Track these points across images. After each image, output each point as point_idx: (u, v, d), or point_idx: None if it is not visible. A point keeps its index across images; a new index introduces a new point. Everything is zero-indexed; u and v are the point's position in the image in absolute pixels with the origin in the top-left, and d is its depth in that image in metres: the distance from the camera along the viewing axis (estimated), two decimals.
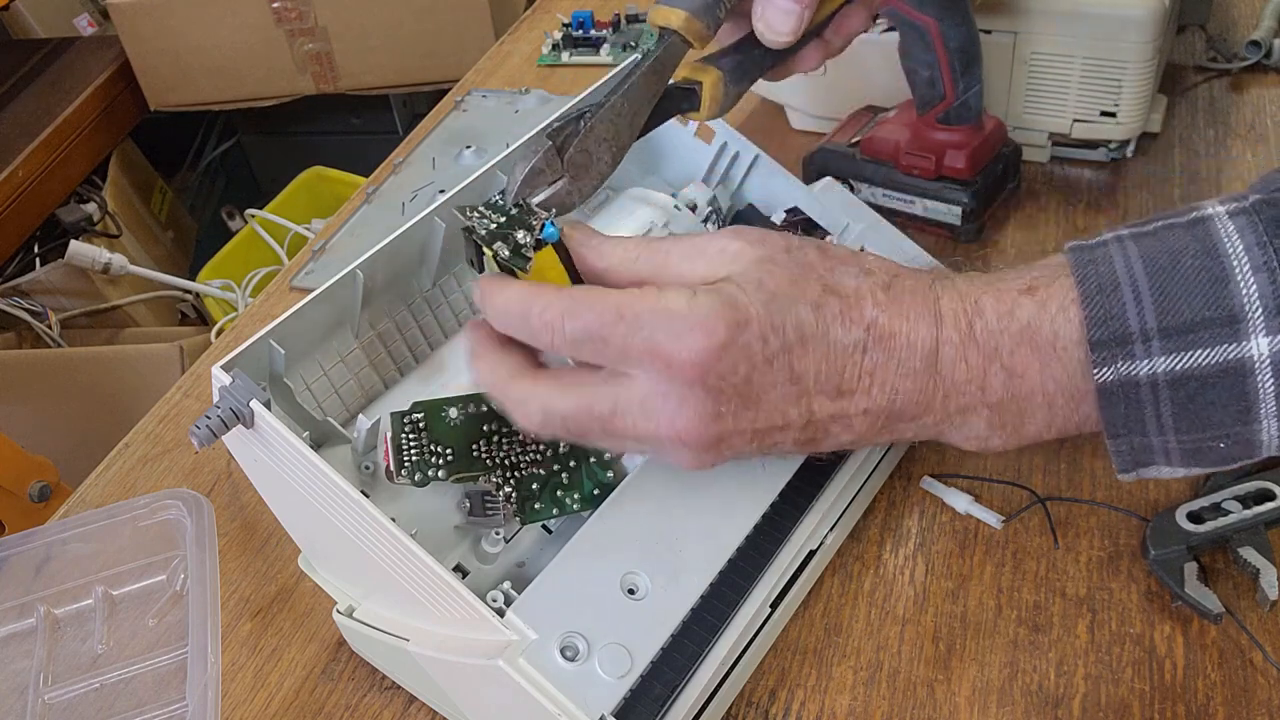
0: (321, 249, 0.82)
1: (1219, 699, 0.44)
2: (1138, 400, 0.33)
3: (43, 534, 0.60)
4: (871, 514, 0.54)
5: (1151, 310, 0.33)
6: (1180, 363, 0.32)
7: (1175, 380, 0.33)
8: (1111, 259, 0.34)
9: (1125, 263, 0.33)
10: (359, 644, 0.51)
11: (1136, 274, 0.33)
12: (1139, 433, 0.34)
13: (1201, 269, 0.32)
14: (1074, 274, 0.34)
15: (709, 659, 0.42)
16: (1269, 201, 0.32)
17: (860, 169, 0.71)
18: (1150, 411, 0.34)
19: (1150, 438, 0.34)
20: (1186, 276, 0.32)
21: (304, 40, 1.55)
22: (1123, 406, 0.34)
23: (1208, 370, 0.32)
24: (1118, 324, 0.33)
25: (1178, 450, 0.34)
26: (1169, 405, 0.33)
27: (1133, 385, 0.33)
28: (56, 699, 0.52)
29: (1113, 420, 0.34)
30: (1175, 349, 0.32)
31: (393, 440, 0.44)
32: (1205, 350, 0.32)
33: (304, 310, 0.44)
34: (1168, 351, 0.32)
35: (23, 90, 1.60)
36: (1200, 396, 0.33)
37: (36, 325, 1.40)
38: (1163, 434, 0.34)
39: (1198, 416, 0.33)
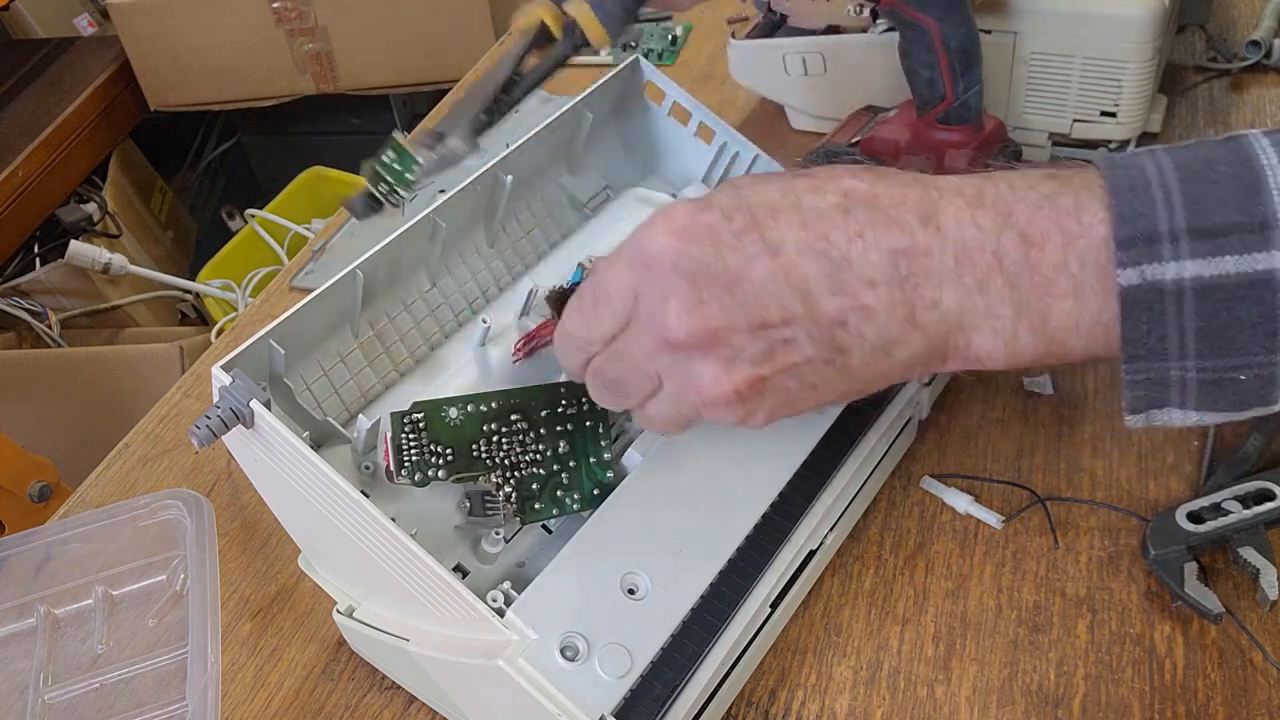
0: (321, 249, 0.82)
1: (1219, 699, 0.44)
2: (1162, 312, 0.32)
3: (43, 534, 0.60)
4: (871, 514, 0.54)
5: (1181, 210, 0.31)
6: (1209, 268, 0.31)
7: (1202, 289, 0.31)
8: (1142, 164, 0.33)
9: (1156, 167, 0.32)
10: (359, 644, 0.51)
11: (1167, 177, 0.32)
12: (1159, 355, 0.32)
13: (1234, 176, 0.31)
14: (1103, 174, 0.33)
15: (709, 659, 0.42)
16: None
17: None
18: (1174, 327, 0.32)
19: (1169, 362, 0.33)
20: (1219, 182, 0.31)
21: (304, 40, 1.55)
22: (1145, 320, 0.32)
23: (1236, 280, 0.31)
24: (1146, 222, 0.31)
25: (1195, 382, 0.33)
26: (1193, 319, 0.32)
27: (1157, 292, 0.32)
28: (56, 699, 0.52)
29: (1133, 337, 0.32)
30: (1204, 253, 0.31)
31: (393, 440, 0.44)
32: (1235, 257, 0.31)
33: (304, 310, 0.44)
34: (1196, 255, 0.31)
35: (23, 90, 1.60)
36: (1226, 311, 0.31)
37: (36, 325, 1.40)
38: (1183, 358, 0.32)
39: (1222, 336, 0.32)
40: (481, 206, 0.53)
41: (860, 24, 0.75)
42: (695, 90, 0.57)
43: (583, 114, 0.56)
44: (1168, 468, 0.54)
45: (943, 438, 0.57)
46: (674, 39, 1.03)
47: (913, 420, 0.55)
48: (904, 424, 0.53)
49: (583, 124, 0.56)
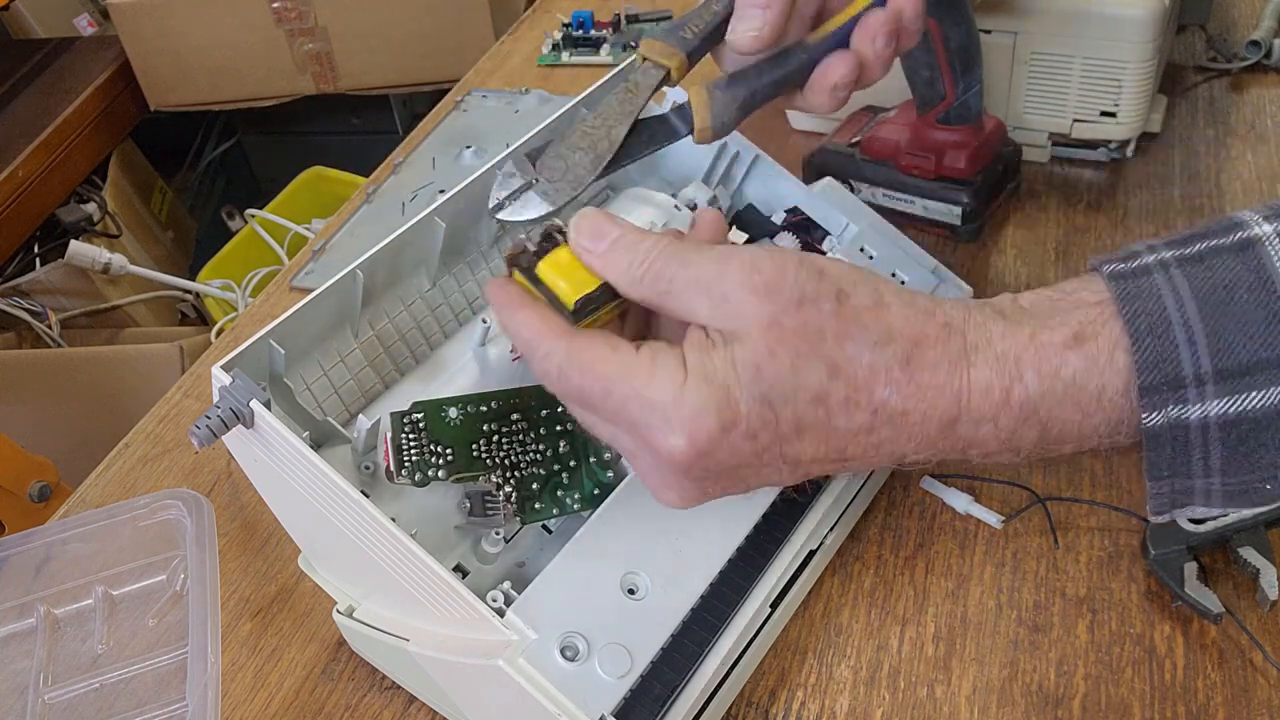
0: (321, 249, 0.82)
1: (1219, 699, 0.44)
2: (1186, 444, 0.32)
3: (43, 534, 0.60)
4: (871, 514, 0.54)
5: (1206, 353, 0.31)
6: (1234, 405, 0.31)
7: (1228, 423, 0.31)
8: (1159, 293, 0.32)
9: (1176, 300, 0.32)
10: (359, 644, 0.51)
11: (1189, 313, 0.31)
12: (1183, 475, 0.33)
13: (1257, 304, 0.31)
14: (1121, 313, 0.32)
15: (709, 659, 0.42)
16: None
17: (860, 169, 0.71)
18: (1198, 455, 0.32)
19: (1194, 480, 0.33)
20: (1242, 315, 0.31)
21: (304, 40, 1.55)
22: (1169, 450, 0.32)
23: (1262, 412, 0.31)
24: (1170, 367, 0.31)
25: (1220, 492, 0.33)
26: (1219, 448, 0.32)
27: (1182, 429, 0.32)
28: (56, 699, 0.52)
29: (1157, 464, 0.33)
30: (1230, 392, 0.31)
31: (393, 440, 0.44)
32: (1261, 392, 0.31)
33: (304, 310, 0.44)
34: (1221, 395, 0.31)
35: (23, 90, 1.60)
36: (1252, 438, 0.31)
37: (36, 325, 1.39)
38: (1208, 476, 0.33)
39: (1248, 459, 0.32)
40: (481, 206, 0.53)
41: None
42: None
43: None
44: None
45: None
46: None
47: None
48: None
49: None
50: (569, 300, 0.37)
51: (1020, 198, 0.73)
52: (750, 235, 0.56)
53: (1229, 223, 0.33)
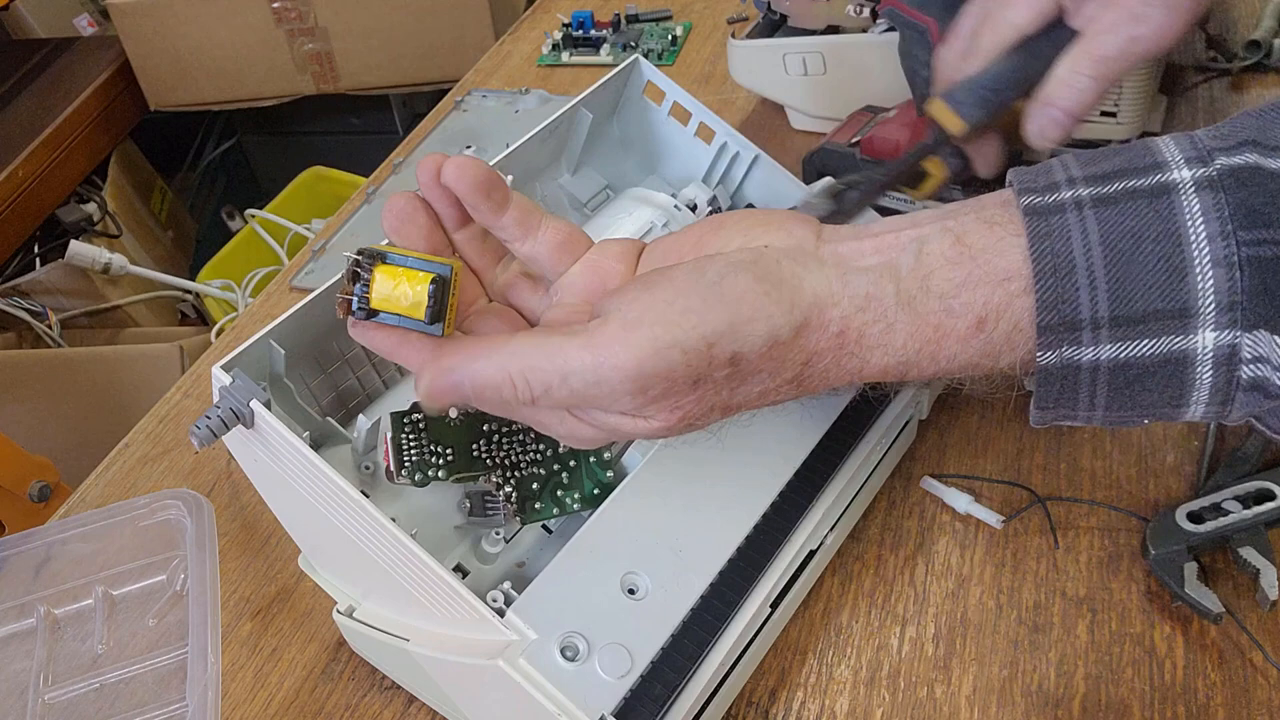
0: (321, 249, 0.82)
1: (1219, 699, 0.44)
2: (1075, 383, 0.33)
3: (43, 534, 0.60)
4: (871, 514, 0.54)
5: (1105, 299, 0.32)
6: (1125, 351, 0.32)
7: (1116, 367, 0.33)
8: (1069, 234, 0.33)
9: (1084, 242, 0.32)
10: (359, 644, 0.51)
11: (1094, 257, 0.32)
12: (1068, 407, 0.34)
13: (1161, 256, 0.31)
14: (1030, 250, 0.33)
15: (709, 659, 0.42)
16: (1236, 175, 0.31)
17: (860, 169, 0.71)
18: (1085, 394, 0.34)
19: (1077, 412, 0.34)
20: (1145, 264, 0.32)
21: (304, 40, 1.55)
22: (1058, 386, 0.34)
23: (1150, 360, 0.32)
24: (1069, 309, 0.32)
25: (1101, 419, 0.35)
26: (1104, 389, 0.33)
27: (1073, 370, 0.33)
28: (56, 699, 0.52)
29: (1044, 397, 0.34)
30: (1122, 338, 0.32)
31: (393, 440, 0.44)
32: (1151, 340, 0.32)
33: (304, 310, 0.44)
34: (1115, 340, 0.32)
35: (23, 90, 1.60)
36: (1137, 382, 0.33)
37: (36, 325, 1.40)
38: (1091, 410, 0.34)
39: (1131, 400, 0.33)
40: None
41: (860, 24, 0.75)
42: (695, 90, 0.58)
43: (583, 114, 0.56)
44: (1168, 468, 0.54)
45: (943, 438, 0.57)
46: (674, 39, 1.03)
47: (913, 420, 0.55)
48: (904, 424, 0.53)
49: (583, 124, 0.56)
50: (420, 315, 0.37)
51: None
52: None
53: (1150, 160, 0.33)
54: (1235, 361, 0.31)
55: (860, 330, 0.35)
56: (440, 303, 0.37)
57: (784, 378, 0.36)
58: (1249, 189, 0.31)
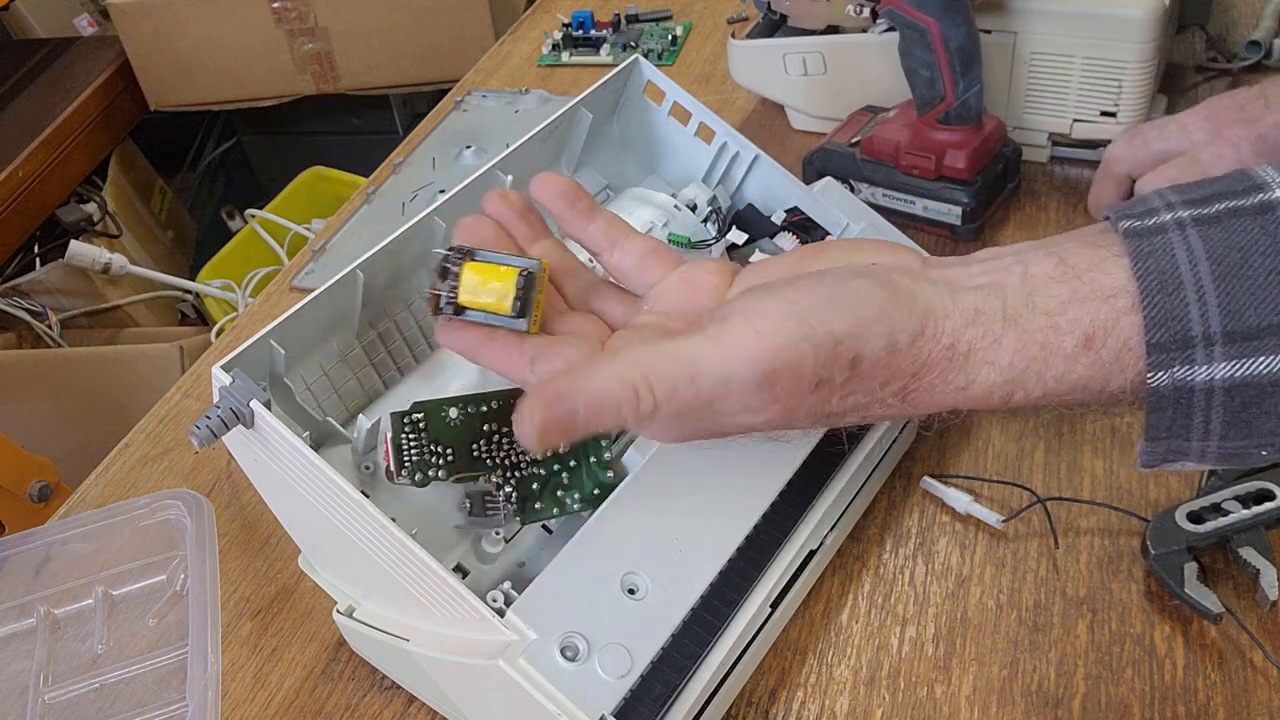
0: (321, 249, 0.82)
1: (1219, 699, 0.44)
2: (1189, 407, 0.32)
3: (43, 534, 0.60)
4: (871, 514, 0.54)
5: (1216, 314, 0.31)
6: (1241, 369, 0.31)
7: (1233, 388, 0.31)
8: (1173, 251, 0.32)
9: (1190, 260, 0.32)
10: (359, 644, 0.51)
11: (1201, 273, 0.31)
12: (1181, 437, 0.33)
13: (1271, 270, 0.31)
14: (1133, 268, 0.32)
15: (709, 659, 0.42)
16: None
17: (860, 169, 0.71)
18: (1199, 419, 0.32)
19: (1191, 442, 0.33)
20: (1255, 278, 0.31)
21: (304, 40, 1.55)
22: (1171, 412, 0.32)
23: (1268, 378, 0.31)
24: (1179, 326, 0.31)
25: (1215, 453, 0.33)
26: (1220, 413, 0.32)
27: (1186, 392, 0.32)
28: (56, 699, 0.52)
29: (1157, 424, 0.33)
30: (1238, 355, 0.31)
31: (393, 440, 0.44)
32: (1268, 357, 0.31)
33: (304, 310, 0.44)
34: (1230, 358, 0.31)
35: (23, 90, 1.60)
36: (1255, 405, 0.31)
37: (36, 325, 1.39)
38: (1206, 439, 0.33)
39: (1248, 425, 0.32)
40: None
41: (860, 24, 0.75)
42: (695, 90, 0.58)
43: (583, 114, 0.56)
44: None
45: (943, 438, 0.57)
46: (674, 39, 1.03)
47: (913, 420, 0.55)
48: (904, 424, 0.53)
49: (583, 124, 0.56)
50: (505, 309, 0.37)
51: (1020, 198, 0.73)
52: (750, 235, 0.56)
53: (1249, 183, 0.32)
54: None
55: (969, 344, 0.35)
56: (527, 297, 0.37)
57: (892, 389, 0.35)
58: None
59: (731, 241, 0.56)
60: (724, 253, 0.56)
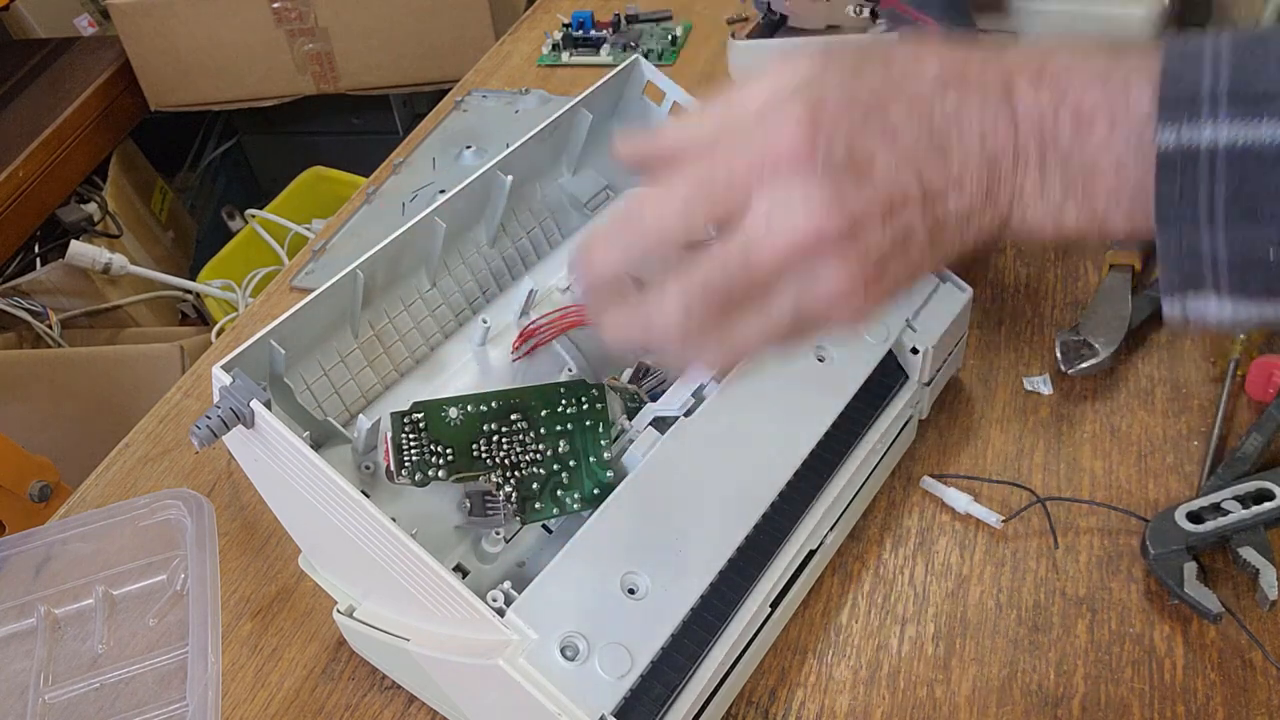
0: (321, 249, 0.82)
1: (1219, 699, 0.44)
2: (1194, 174, 0.33)
3: (43, 534, 0.60)
4: (871, 514, 0.54)
5: (1226, 76, 0.32)
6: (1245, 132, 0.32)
7: (1235, 154, 0.32)
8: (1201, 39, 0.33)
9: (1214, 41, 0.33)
10: (359, 644, 0.51)
11: (1222, 47, 0.33)
12: (1190, 218, 0.33)
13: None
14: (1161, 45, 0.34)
15: (709, 659, 0.42)
16: None
17: None
18: (1205, 189, 0.33)
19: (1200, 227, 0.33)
20: (1270, 53, 0.32)
21: (304, 40, 1.55)
22: (1179, 180, 0.33)
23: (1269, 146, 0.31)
24: (1189, 85, 0.32)
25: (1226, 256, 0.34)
26: (1224, 184, 0.32)
27: (1192, 154, 0.32)
28: (56, 699, 0.52)
29: (1166, 196, 0.33)
30: (1242, 115, 0.32)
31: (393, 440, 0.44)
32: (1271, 122, 0.31)
33: (304, 310, 0.44)
34: (1234, 118, 0.32)
35: (23, 90, 1.60)
36: (1258, 177, 0.32)
37: (36, 325, 1.39)
38: (1213, 224, 0.33)
39: (1252, 202, 0.32)
40: (481, 207, 0.53)
41: (860, 24, 0.75)
42: (695, 90, 0.57)
43: (582, 114, 0.56)
44: (1167, 468, 0.54)
45: (943, 438, 0.57)
46: (674, 39, 1.03)
47: (912, 420, 0.55)
48: (904, 424, 0.53)
49: (582, 124, 0.56)
50: None
51: None
52: None
53: None
54: None
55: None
56: None
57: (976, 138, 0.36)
58: None
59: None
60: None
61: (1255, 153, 0.32)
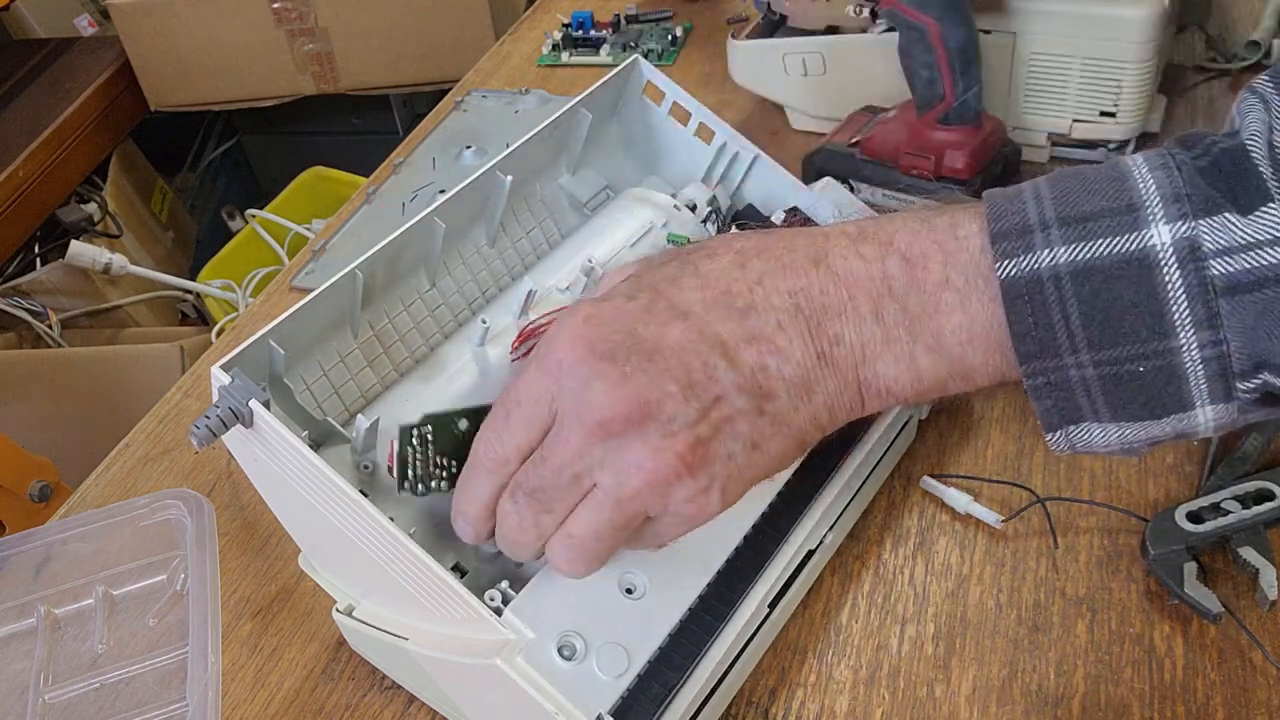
0: (321, 249, 0.82)
1: (1219, 699, 0.44)
2: (1043, 299, 0.32)
3: (43, 534, 0.60)
4: (871, 514, 0.54)
5: (1050, 204, 0.33)
6: (1081, 252, 0.32)
7: (1078, 272, 0.32)
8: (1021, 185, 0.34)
9: (1033, 184, 0.34)
10: (359, 643, 0.51)
11: (1040, 185, 0.34)
12: (1051, 351, 0.33)
13: (1103, 175, 0.33)
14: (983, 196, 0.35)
15: (707, 658, 0.42)
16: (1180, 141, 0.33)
17: (860, 169, 0.71)
18: (1058, 314, 0.32)
19: (1064, 359, 0.33)
20: (1087, 180, 0.33)
21: (304, 40, 1.55)
22: (1029, 307, 0.32)
23: (1110, 261, 0.31)
24: (1017, 217, 0.33)
25: (1097, 381, 0.33)
26: (1075, 304, 0.32)
27: (1036, 281, 0.32)
28: (56, 699, 0.52)
29: (1020, 331, 0.33)
30: (1074, 238, 0.32)
31: (399, 455, 0.43)
32: (1105, 240, 0.31)
33: (304, 310, 0.44)
34: (1067, 240, 0.32)
35: (23, 90, 1.60)
36: (1107, 291, 0.31)
37: (37, 325, 1.40)
38: (1075, 350, 0.32)
39: (1107, 319, 0.32)
40: (481, 207, 0.53)
41: (860, 24, 0.75)
42: (695, 90, 0.57)
43: (582, 114, 0.56)
44: (1167, 468, 0.54)
45: (943, 438, 0.57)
46: (674, 39, 1.03)
47: (912, 420, 0.55)
48: (904, 424, 0.53)
49: (582, 124, 0.56)
50: None
51: None
52: None
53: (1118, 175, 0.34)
54: (1201, 256, 0.30)
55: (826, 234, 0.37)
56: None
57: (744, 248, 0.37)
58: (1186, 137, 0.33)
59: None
60: None
61: (1098, 268, 0.31)
